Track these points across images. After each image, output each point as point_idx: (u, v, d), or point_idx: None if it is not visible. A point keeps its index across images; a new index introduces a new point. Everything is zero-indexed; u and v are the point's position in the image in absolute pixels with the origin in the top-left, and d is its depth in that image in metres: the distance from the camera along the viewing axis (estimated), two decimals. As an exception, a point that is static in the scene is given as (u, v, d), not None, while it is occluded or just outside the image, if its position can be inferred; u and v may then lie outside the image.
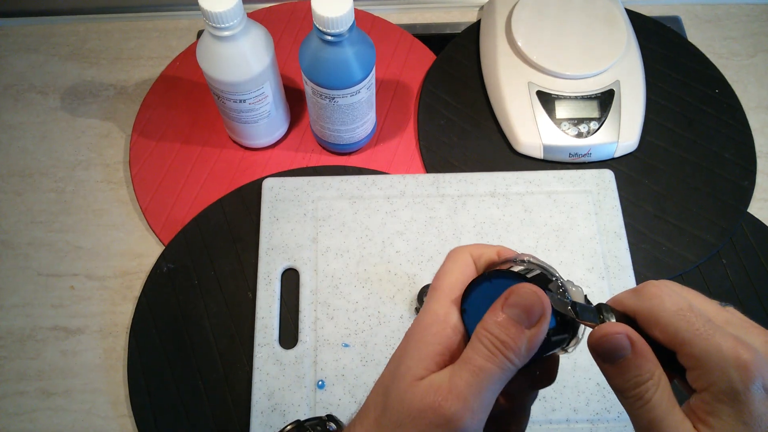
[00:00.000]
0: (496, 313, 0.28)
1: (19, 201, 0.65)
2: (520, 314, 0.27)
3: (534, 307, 0.27)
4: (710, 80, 0.70)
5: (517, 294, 0.28)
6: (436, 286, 0.31)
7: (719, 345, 0.26)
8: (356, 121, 0.61)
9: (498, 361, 0.27)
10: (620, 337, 0.27)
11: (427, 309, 0.30)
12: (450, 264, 0.32)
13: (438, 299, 0.30)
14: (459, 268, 0.31)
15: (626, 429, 0.52)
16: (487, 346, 0.27)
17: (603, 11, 0.68)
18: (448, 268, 0.31)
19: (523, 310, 0.27)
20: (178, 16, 0.77)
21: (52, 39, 0.75)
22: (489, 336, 0.27)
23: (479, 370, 0.27)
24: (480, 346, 0.27)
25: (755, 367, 0.25)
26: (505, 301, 0.28)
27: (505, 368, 0.27)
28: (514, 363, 0.27)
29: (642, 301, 0.29)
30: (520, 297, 0.28)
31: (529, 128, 0.64)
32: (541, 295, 0.28)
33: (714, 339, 0.26)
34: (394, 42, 0.73)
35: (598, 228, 0.60)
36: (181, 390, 0.55)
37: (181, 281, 0.59)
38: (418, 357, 0.29)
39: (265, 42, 0.56)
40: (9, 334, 0.59)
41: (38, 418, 0.56)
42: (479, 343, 0.28)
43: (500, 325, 0.27)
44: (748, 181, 0.64)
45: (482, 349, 0.27)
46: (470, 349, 0.28)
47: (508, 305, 0.28)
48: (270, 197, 0.62)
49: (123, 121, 0.70)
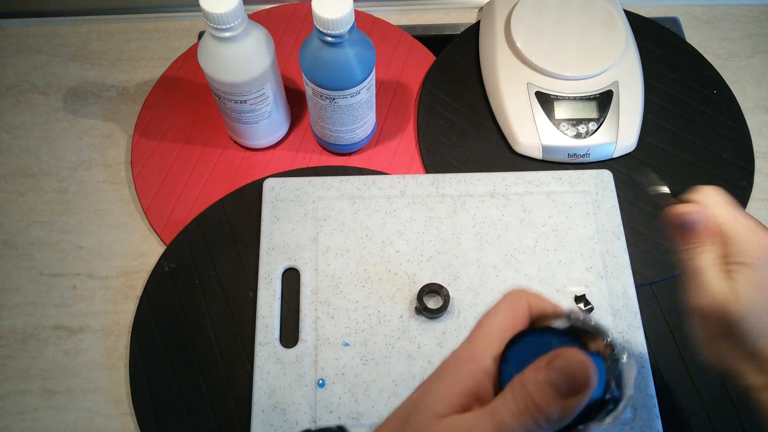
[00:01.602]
0: (537, 372, 0.26)
1: (21, 201, 0.66)
2: (562, 380, 0.26)
3: (579, 378, 0.26)
4: (708, 81, 0.70)
5: (564, 358, 0.26)
6: (482, 323, 0.30)
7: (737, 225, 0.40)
8: (356, 122, 0.61)
9: (524, 421, 0.26)
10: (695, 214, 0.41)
11: (466, 345, 0.29)
12: (504, 306, 0.30)
13: (479, 338, 0.29)
14: (511, 312, 0.30)
15: (625, 428, 0.52)
16: (518, 403, 0.26)
17: (602, 12, 0.68)
18: (500, 309, 0.30)
19: (566, 377, 0.26)
20: (179, 18, 0.78)
21: (54, 40, 0.76)
22: (523, 393, 0.26)
23: (503, 425, 0.26)
24: (511, 400, 0.26)
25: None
26: (550, 362, 0.26)
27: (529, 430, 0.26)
28: (541, 427, 0.26)
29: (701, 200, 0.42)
30: (567, 362, 0.26)
31: (528, 129, 0.64)
32: (588, 366, 0.26)
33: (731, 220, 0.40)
34: (394, 43, 0.73)
35: (597, 228, 0.61)
36: (183, 389, 0.55)
37: (182, 281, 0.59)
38: (443, 393, 0.28)
39: (265, 43, 0.57)
40: (11, 333, 0.59)
41: (40, 416, 0.56)
42: (510, 398, 0.26)
43: (538, 386, 0.26)
44: (746, 182, 0.65)
45: (512, 404, 0.26)
46: (499, 401, 0.26)
47: (552, 367, 0.26)
48: (271, 197, 0.62)
49: (125, 122, 0.70)
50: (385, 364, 0.55)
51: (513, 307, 0.30)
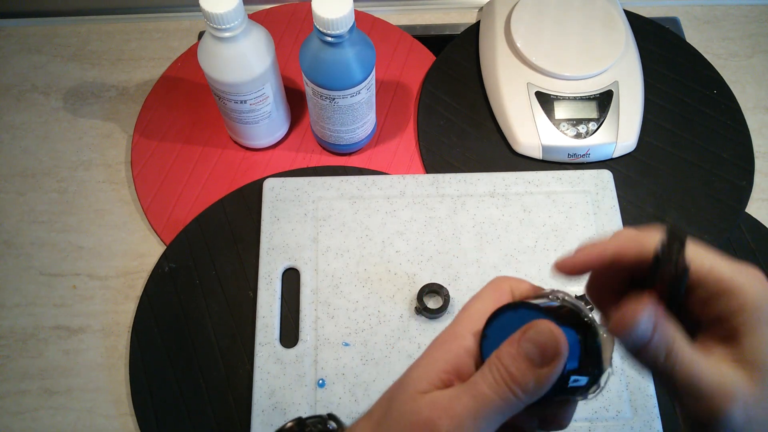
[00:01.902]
0: (511, 345, 0.27)
1: (21, 201, 0.66)
2: (533, 350, 0.27)
3: (548, 346, 0.27)
4: (708, 81, 0.71)
5: (534, 329, 0.27)
6: (465, 306, 0.31)
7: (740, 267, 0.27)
8: (356, 122, 0.61)
9: (502, 392, 0.27)
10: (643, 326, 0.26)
11: (449, 326, 0.30)
12: (487, 290, 0.31)
13: (462, 319, 0.30)
14: (494, 296, 0.31)
15: (624, 428, 0.52)
16: (495, 375, 0.27)
17: (602, 12, 0.68)
18: (483, 293, 0.31)
19: (537, 347, 0.27)
20: (179, 18, 0.78)
21: (54, 40, 0.76)
22: (499, 366, 0.27)
23: (481, 397, 0.27)
24: (488, 373, 0.27)
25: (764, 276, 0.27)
26: (522, 335, 0.27)
27: (508, 401, 0.27)
28: (519, 398, 0.27)
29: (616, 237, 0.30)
30: (537, 333, 0.27)
31: (528, 129, 0.64)
32: (557, 335, 0.27)
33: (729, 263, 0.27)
34: (394, 43, 0.73)
35: (597, 228, 0.61)
36: (183, 389, 0.55)
37: (182, 281, 0.59)
38: (425, 370, 0.29)
39: (266, 43, 0.57)
40: (11, 333, 0.59)
41: (40, 416, 0.56)
42: (488, 371, 0.27)
43: (512, 357, 0.27)
44: (745, 181, 0.65)
45: (489, 377, 0.27)
46: (478, 375, 0.28)
47: (524, 339, 0.27)
48: (271, 197, 0.62)
49: (125, 122, 0.70)
50: (385, 364, 0.55)
51: (496, 292, 0.31)
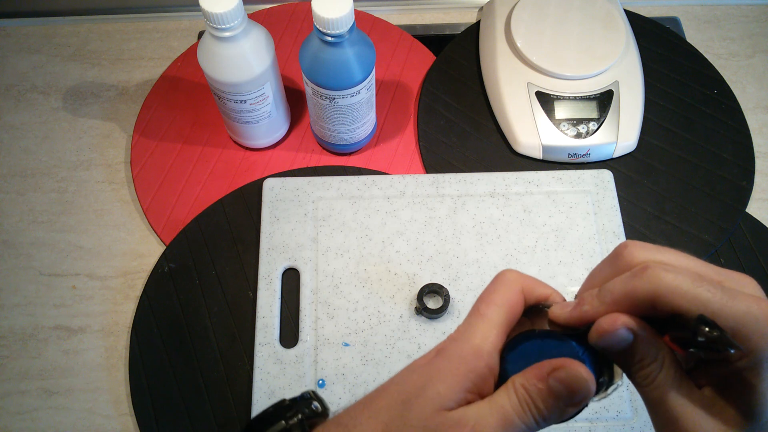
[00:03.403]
0: (540, 378, 0.28)
1: (20, 201, 0.66)
2: (563, 392, 0.27)
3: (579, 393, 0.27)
4: (709, 81, 0.70)
5: (568, 372, 0.27)
6: (484, 312, 0.30)
7: (748, 308, 0.25)
8: (356, 122, 0.61)
9: (527, 419, 0.27)
10: (620, 332, 0.27)
11: (470, 337, 0.30)
12: (500, 293, 0.31)
13: (480, 331, 0.30)
14: (510, 300, 0.30)
15: (624, 428, 0.52)
16: (522, 404, 0.28)
17: (602, 12, 0.68)
18: (496, 298, 0.30)
19: (567, 390, 0.27)
20: (179, 17, 0.78)
21: (54, 40, 0.76)
22: (525, 396, 0.28)
23: (507, 420, 0.27)
24: (515, 399, 0.28)
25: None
26: (554, 372, 0.27)
27: (530, 427, 0.28)
28: (539, 426, 0.28)
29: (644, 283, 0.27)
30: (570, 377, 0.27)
31: (528, 129, 0.64)
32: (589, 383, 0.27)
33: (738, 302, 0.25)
34: (394, 43, 0.73)
35: (597, 228, 0.61)
36: (183, 389, 0.55)
37: (182, 281, 0.59)
38: (451, 386, 0.28)
39: (265, 43, 0.56)
40: (11, 334, 0.59)
41: (40, 417, 0.56)
42: (515, 397, 0.28)
43: (540, 392, 0.27)
44: (746, 181, 0.65)
45: (516, 402, 0.28)
46: (504, 397, 0.28)
47: (555, 378, 0.27)
48: (270, 197, 0.62)
49: (124, 122, 0.70)
50: (385, 364, 0.55)
51: (510, 298, 0.30)
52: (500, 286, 0.31)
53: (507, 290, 0.31)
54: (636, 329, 0.27)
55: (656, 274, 0.26)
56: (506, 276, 0.31)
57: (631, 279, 0.27)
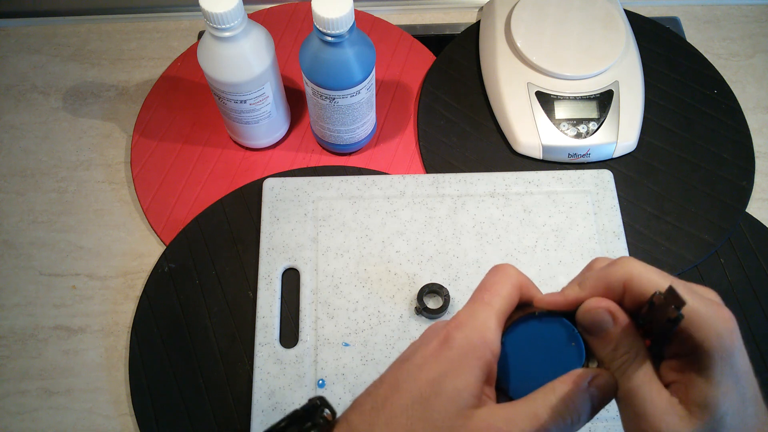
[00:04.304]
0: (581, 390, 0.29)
1: (20, 201, 0.66)
2: (598, 395, 0.29)
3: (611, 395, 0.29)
4: (709, 81, 0.70)
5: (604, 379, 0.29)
6: (488, 300, 0.31)
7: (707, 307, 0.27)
8: (356, 122, 0.61)
9: (559, 423, 0.28)
10: (602, 311, 0.29)
11: (477, 325, 0.30)
12: (504, 286, 0.31)
13: (488, 318, 0.30)
14: (510, 292, 0.31)
15: (625, 428, 0.52)
16: (559, 408, 0.28)
17: (602, 12, 0.68)
18: (501, 289, 0.31)
19: (602, 393, 0.29)
20: (179, 17, 0.78)
21: (54, 40, 0.76)
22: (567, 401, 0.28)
23: (538, 423, 0.28)
24: (549, 403, 0.28)
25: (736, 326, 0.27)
26: (594, 380, 0.29)
27: (561, 429, 0.28)
28: (570, 428, 0.29)
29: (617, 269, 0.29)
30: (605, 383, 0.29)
31: (528, 129, 0.64)
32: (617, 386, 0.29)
33: (699, 301, 0.27)
34: (394, 43, 0.73)
35: (597, 228, 0.61)
36: (183, 389, 0.55)
37: (182, 281, 0.59)
38: (467, 381, 0.29)
39: (265, 43, 0.56)
40: (11, 334, 0.59)
41: (40, 417, 0.56)
42: (553, 402, 0.28)
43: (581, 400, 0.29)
44: (746, 181, 0.65)
45: (551, 407, 0.28)
46: (541, 404, 0.29)
47: (594, 385, 0.29)
48: (270, 197, 0.62)
49: (124, 122, 0.70)
50: (385, 364, 0.55)
51: (512, 292, 0.31)
52: (502, 277, 0.32)
53: (508, 282, 0.31)
54: (616, 313, 0.29)
55: (629, 263, 0.29)
56: (507, 270, 0.32)
57: (607, 267, 0.30)
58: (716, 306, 0.27)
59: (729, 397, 0.27)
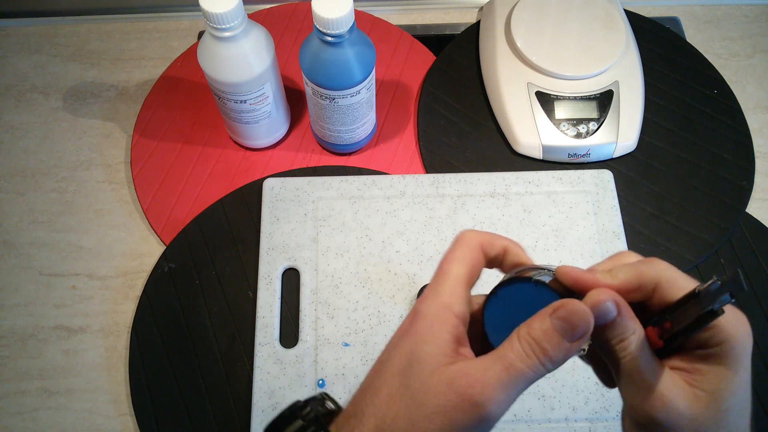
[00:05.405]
0: (543, 321, 0.29)
1: (21, 201, 0.66)
2: (566, 328, 0.28)
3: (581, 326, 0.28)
4: (709, 81, 0.70)
5: (568, 309, 0.29)
6: (445, 270, 0.32)
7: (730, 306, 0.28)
8: (356, 122, 0.61)
9: (532, 364, 0.28)
10: (609, 305, 0.29)
11: (435, 295, 0.31)
12: (460, 251, 0.32)
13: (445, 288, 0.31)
14: (468, 256, 0.32)
15: (625, 428, 0.52)
16: (526, 348, 0.28)
17: (602, 12, 0.68)
18: (457, 255, 0.32)
19: (570, 325, 0.28)
20: (179, 17, 0.78)
21: (54, 40, 0.76)
22: (530, 340, 0.28)
23: (513, 369, 0.28)
24: (518, 347, 0.29)
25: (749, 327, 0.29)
26: (554, 312, 0.29)
27: (536, 372, 0.28)
28: (546, 369, 0.29)
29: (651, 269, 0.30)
30: (571, 313, 0.28)
31: (528, 129, 0.64)
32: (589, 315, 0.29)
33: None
34: (394, 43, 0.73)
35: (597, 228, 0.61)
36: (183, 389, 0.55)
37: (182, 281, 0.59)
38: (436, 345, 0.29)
39: (265, 43, 0.56)
40: (11, 334, 0.59)
41: (40, 417, 0.56)
42: (518, 344, 0.29)
43: (545, 333, 0.28)
44: (746, 181, 0.65)
45: (520, 350, 0.28)
46: (508, 348, 0.29)
47: (557, 317, 0.29)
48: (270, 197, 0.62)
49: (124, 122, 0.70)
50: (385, 364, 0.55)
51: (470, 254, 0.32)
52: (460, 244, 0.33)
53: (466, 247, 0.33)
54: (621, 304, 0.30)
55: (661, 265, 0.30)
56: (464, 235, 0.33)
57: (640, 264, 0.31)
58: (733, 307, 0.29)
59: (737, 395, 0.28)
